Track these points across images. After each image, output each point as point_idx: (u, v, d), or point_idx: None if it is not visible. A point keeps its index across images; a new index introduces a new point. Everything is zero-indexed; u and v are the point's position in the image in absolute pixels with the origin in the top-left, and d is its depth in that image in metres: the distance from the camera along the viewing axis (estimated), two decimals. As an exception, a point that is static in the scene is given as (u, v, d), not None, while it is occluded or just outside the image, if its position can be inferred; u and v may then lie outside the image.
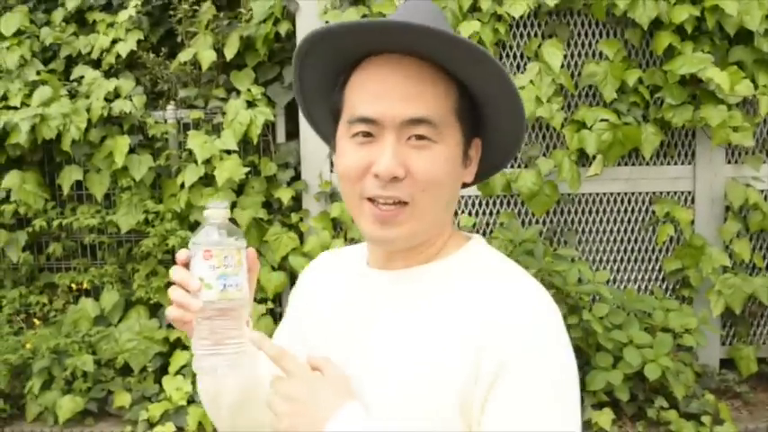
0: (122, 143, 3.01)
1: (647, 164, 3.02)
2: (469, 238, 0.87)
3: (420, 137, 0.76)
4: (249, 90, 3.04)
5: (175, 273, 0.79)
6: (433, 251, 0.83)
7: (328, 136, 0.89)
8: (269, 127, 3.07)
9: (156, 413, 2.81)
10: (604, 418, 2.67)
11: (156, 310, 3.12)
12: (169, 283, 0.80)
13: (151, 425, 2.83)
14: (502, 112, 0.81)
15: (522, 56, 3.01)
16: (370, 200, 0.78)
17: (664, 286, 3.09)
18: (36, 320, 3.19)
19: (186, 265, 0.79)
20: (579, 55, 3.01)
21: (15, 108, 3.05)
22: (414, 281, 0.82)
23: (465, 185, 0.86)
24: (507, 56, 3.02)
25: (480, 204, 3.08)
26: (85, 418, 2.94)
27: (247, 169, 2.97)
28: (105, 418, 2.98)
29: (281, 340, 0.97)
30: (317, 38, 0.79)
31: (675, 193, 3.06)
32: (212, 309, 0.76)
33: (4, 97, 3.09)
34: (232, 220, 0.81)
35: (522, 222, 3.05)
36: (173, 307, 0.79)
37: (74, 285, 3.18)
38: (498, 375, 0.72)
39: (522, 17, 2.89)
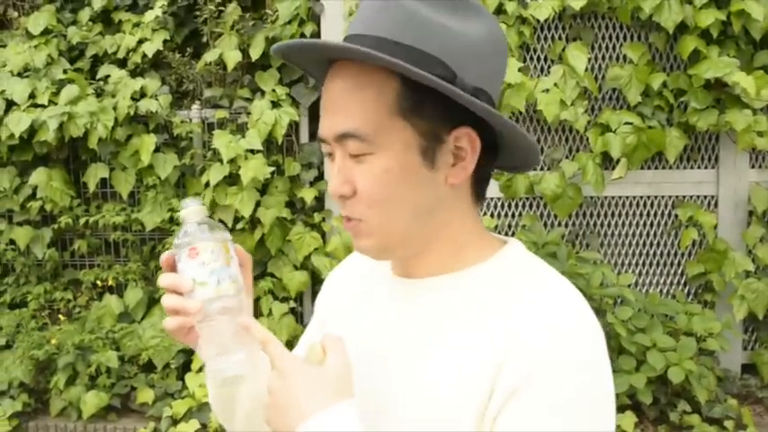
0: (148, 142, 3.04)
1: (671, 168, 3.02)
2: (505, 242, 0.78)
3: (353, 153, 0.70)
4: (274, 90, 3.06)
5: (163, 278, 0.73)
6: (442, 257, 0.75)
7: None
8: (293, 127, 3.09)
9: (180, 410, 2.83)
10: (627, 421, 2.66)
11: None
12: None
13: (174, 421, 2.85)
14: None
15: (546, 59, 3.01)
16: None
17: (686, 290, 3.09)
18: (61, 316, 3.22)
19: (173, 270, 0.74)
20: (604, 58, 3.01)
21: (43, 106, 3.09)
22: (440, 291, 0.75)
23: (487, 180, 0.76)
24: (531, 58, 3.02)
25: (503, 206, 3.09)
26: (108, 414, 2.97)
27: (272, 169, 2.99)
28: (128, 413, 3.01)
29: (306, 340, 0.93)
30: (276, 53, 0.75)
31: (699, 197, 3.05)
32: (212, 307, 0.71)
33: (32, 95, 3.12)
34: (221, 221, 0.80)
35: (545, 225, 3.06)
36: (170, 317, 0.73)
37: (98, 282, 3.21)
38: (516, 391, 0.65)
39: (546, 20, 2.90)
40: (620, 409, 2.71)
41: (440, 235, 0.75)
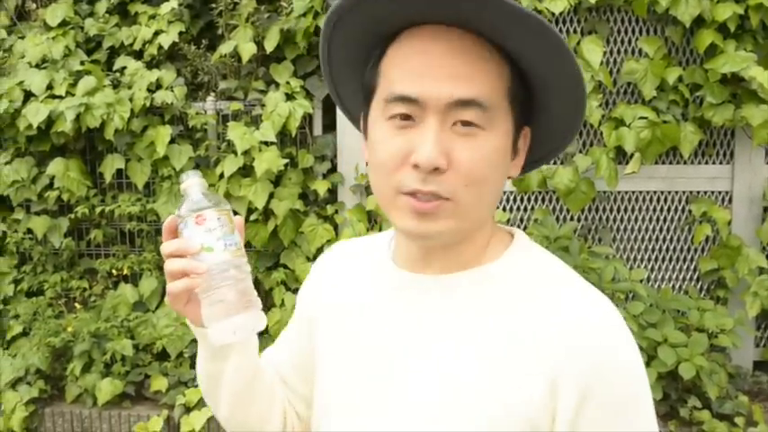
0: (163, 133, 3.07)
1: (686, 163, 3.00)
2: (511, 233, 0.79)
3: (467, 123, 0.66)
4: (288, 83, 3.08)
5: (168, 244, 0.74)
6: (474, 251, 0.74)
7: (355, 114, 0.81)
8: (307, 119, 3.11)
9: (193, 398, 2.87)
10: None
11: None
12: None
13: (187, 409, 2.89)
14: (560, 95, 0.71)
15: (560, 52, 3.00)
16: (405, 194, 0.68)
17: (699, 286, 3.08)
18: (77, 305, 3.27)
19: (175, 237, 0.75)
20: (619, 52, 3.00)
21: (60, 97, 3.12)
22: (459, 288, 0.73)
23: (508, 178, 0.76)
24: (546, 52, 3.01)
25: (515, 200, 3.09)
26: (123, 401, 3.01)
27: (285, 161, 3.01)
28: (142, 401, 3.05)
29: (289, 336, 0.92)
30: (350, 5, 0.68)
31: (713, 192, 3.04)
32: (218, 271, 0.72)
33: (50, 87, 3.15)
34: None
35: (558, 219, 3.06)
36: (176, 281, 0.73)
37: (113, 271, 3.25)
38: (582, 405, 0.65)
39: (561, 13, 2.89)
40: (631, 403, 2.71)
41: (482, 229, 0.74)
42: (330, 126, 3.15)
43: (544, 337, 0.67)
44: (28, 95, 3.13)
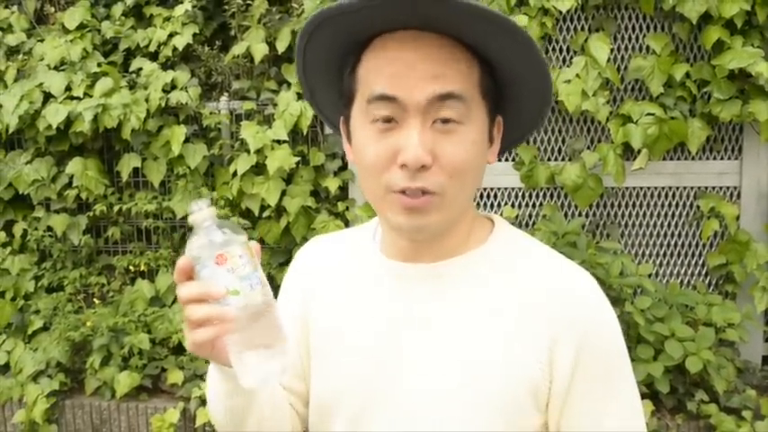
0: (178, 132, 3.14)
1: (693, 158, 3.02)
2: (491, 219, 0.85)
3: (446, 120, 0.70)
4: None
5: (187, 288, 0.67)
6: (459, 238, 0.79)
7: (334, 121, 0.85)
8: (317, 118, 3.16)
9: (208, 391, 2.94)
10: (644, 409, 2.68)
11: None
12: None
13: (203, 402, 2.96)
14: (528, 88, 0.76)
15: (568, 50, 3.03)
16: (395, 192, 0.72)
17: (707, 281, 3.09)
18: (95, 300, 3.35)
19: (190, 279, 0.68)
20: (626, 49, 3.02)
21: (78, 98, 3.20)
22: (455, 274, 0.78)
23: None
24: (554, 50, 3.04)
25: (523, 196, 3.13)
26: (140, 394, 3.09)
27: (297, 159, 3.07)
28: (159, 394, 3.12)
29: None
30: (324, 17, 0.71)
31: (721, 188, 3.05)
32: (246, 316, 0.67)
33: (68, 88, 3.23)
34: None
35: (566, 215, 3.09)
36: (201, 329, 0.67)
37: (131, 267, 3.32)
38: (578, 361, 0.73)
39: (569, 11, 2.92)
40: (638, 397, 2.74)
41: (465, 216, 0.80)
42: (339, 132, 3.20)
43: (540, 308, 0.75)
44: (47, 97, 3.22)
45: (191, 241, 0.68)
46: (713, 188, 3.05)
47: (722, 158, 3.05)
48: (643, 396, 2.72)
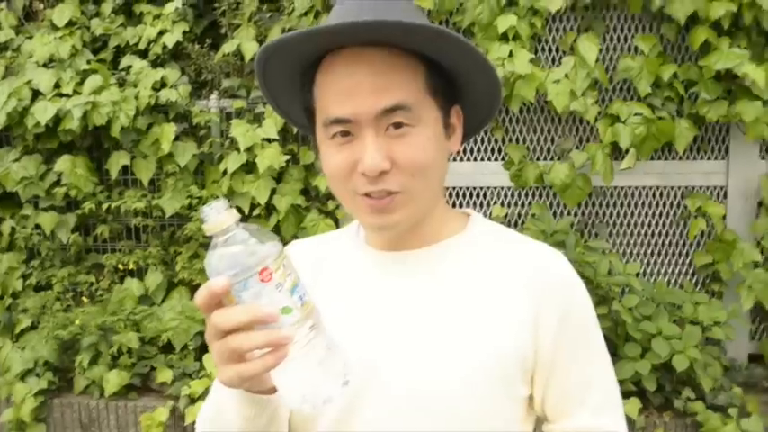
0: (168, 130, 3.14)
1: (681, 158, 3.05)
2: (466, 213, 0.91)
3: (398, 125, 0.74)
4: (290, 81, 3.13)
5: (229, 315, 0.59)
6: (435, 226, 0.85)
7: (308, 129, 0.88)
8: (308, 117, 3.16)
9: (198, 389, 2.93)
10: (631, 407, 2.71)
11: (196, 291, 3.24)
12: None
13: (192, 400, 2.96)
14: (474, 77, 0.80)
15: (557, 50, 3.05)
16: (361, 195, 0.77)
17: (694, 280, 3.12)
18: (84, 298, 3.34)
19: (219, 304, 0.61)
20: (615, 49, 3.04)
21: (67, 96, 3.19)
22: (439, 255, 0.84)
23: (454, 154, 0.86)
24: (543, 50, 3.06)
25: (512, 196, 3.14)
26: (129, 392, 3.08)
27: (287, 157, 3.07)
28: (148, 392, 3.12)
29: None
30: (271, 49, 0.76)
31: (708, 187, 3.08)
32: (302, 336, 0.59)
33: (57, 85, 3.23)
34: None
35: (554, 214, 3.11)
36: (252, 362, 0.59)
37: (120, 266, 3.32)
38: (560, 329, 0.81)
39: (558, 11, 2.94)
40: (625, 395, 2.76)
41: (437, 205, 0.85)
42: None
43: (522, 285, 0.82)
44: (36, 94, 3.21)
45: (216, 256, 0.57)
46: (700, 188, 3.08)
47: (709, 158, 3.07)
48: (630, 394, 2.74)
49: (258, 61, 0.79)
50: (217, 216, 0.57)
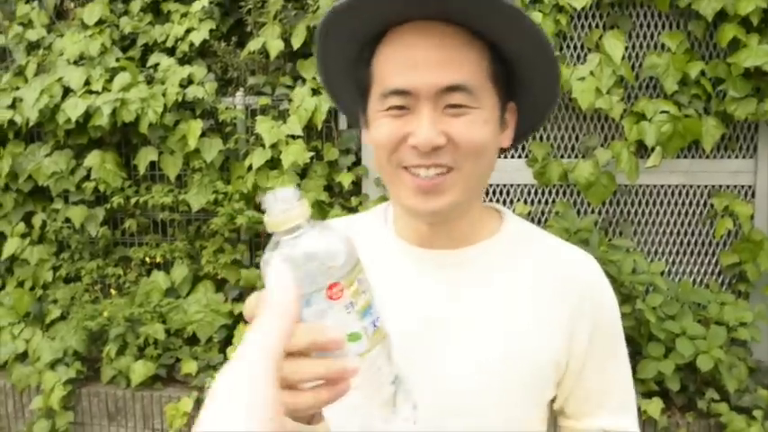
0: (195, 127, 3.18)
1: (707, 157, 3.01)
2: (496, 209, 0.89)
3: (456, 106, 0.72)
4: (314, 78, 3.16)
5: (301, 336, 0.45)
6: (473, 225, 0.82)
7: (353, 111, 0.87)
8: (332, 113, 3.19)
9: (221, 381, 2.98)
10: (654, 407, 2.69)
11: (221, 285, 3.30)
12: (235, 260, 0.62)
13: (216, 392, 3.00)
14: (536, 72, 0.78)
15: (582, 47, 3.03)
16: (407, 169, 0.74)
17: (720, 280, 3.08)
18: (112, 291, 3.41)
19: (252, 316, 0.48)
20: (641, 46, 3.01)
21: (97, 93, 3.25)
22: (478, 258, 0.82)
23: (502, 151, 0.82)
24: (568, 47, 3.04)
25: (536, 193, 3.13)
26: (155, 383, 3.14)
27: (311, 154, 3.10)
28: (173, 383, 3.17)
29: None
30: (338, 13, 0.74)
31: (735, 186, 3.03)
32: (369, 367, 0.49)
33: (87, 82, 3.29)
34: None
35: (578, 212, 3.09)
36: (307, 393, 0.46)
37: (147, 259, 3.38)
38: (593, 336, 0.82)
39: (583, 8, 2.92)
40: (648, 395, 2.74)
41: (477, 201, 0.82)
42: (354, 118, 3.22)
43: (560, 289, 0.82)
44: (67, 91, 3.28)
45: (276, 257, 0.45)
46: (727, 187, 3.04)
47: (737, 157, 3.03)
48: (653, 394, 2.72)
49: (322, 26, 0.76)
50: (284, 210, 0.45)
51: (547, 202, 3.13)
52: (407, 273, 0.82)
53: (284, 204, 0.46)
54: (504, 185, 3.14)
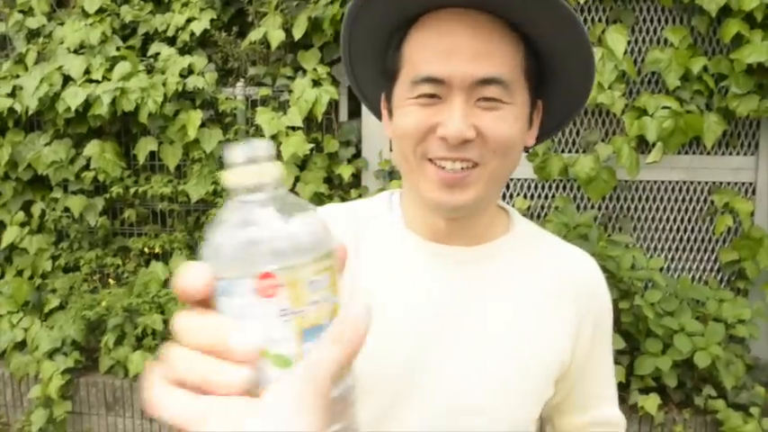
0: (195, 117, 3.17)
1: (709, 153, 3.00)
2: (502, 208, 0.87)
3: (489, 99, 0.70)
4: (315, 69, 3.15)
5: (188, 323, 0.36)
6: (487, 224, 0.81)
7: (372, 99, 0.85)
8: (333, 105, 3.18)
9: (219, 372, 2.98)
10: (651, 403, 2.70)
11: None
12: None
13: (214, 383, 3.01)
14: (571, 67, 0.75)
15: (584, 41, 3.01)
16: (431, 161, 0.72)
17: (719, 277, 3.08)
18: (110, 280, 3.41)
19: (204, 304, 0.36)
20: (643, 41, 3.00)
21: (97, 82, 3.24)
22: (492, 257, 0.81)
23: (525, 150, 0.80)
24: (570, 41, 3.03)
25: (536, 188, 3.13)
26: (153, 374, 3.14)
27: (311, 145, 3.09)
28: (171, 374, 3.17)
29: None
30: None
31: (736, 183, 3.03)
32: None
33: (87, 71, 3.27)
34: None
35: (578, 207, 3.08)
36: (176, 401, 0.34)
37: (146, 249, 3.38)
38: (594, 335, 0.84)
39: (587, 2, 2.90)
40: (645, 391, 2.74)
41: (495, 200, 0.81)
42: (355, 112, 3.22)
43: (567, 290, 0.82)
44: (67, 80, 3.26)
45: (218, 225, 0.35)
46: (728, 183, 3.03)
47: (738, 154, 3.02)
48: (650, 390, 2.73)
49: (354, 5, 0.72)
50: (246, 163, 0.35)
51: (546, 197, 3.13)
52: (420, 268, 0.79)
53: (249, 153, 0.35)
54: (505, 180, 3.13)
